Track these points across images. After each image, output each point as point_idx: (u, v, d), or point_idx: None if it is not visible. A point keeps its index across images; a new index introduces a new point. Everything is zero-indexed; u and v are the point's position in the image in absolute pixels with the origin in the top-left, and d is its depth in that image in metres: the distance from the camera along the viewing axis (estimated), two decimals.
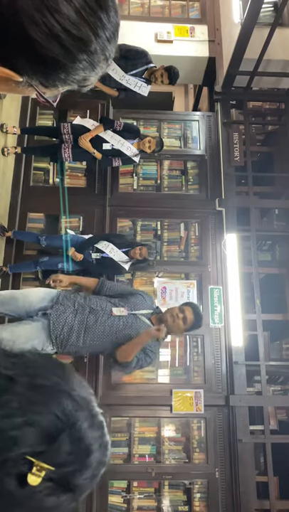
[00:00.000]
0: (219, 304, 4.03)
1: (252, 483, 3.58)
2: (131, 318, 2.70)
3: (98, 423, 0.57)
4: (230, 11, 4.49)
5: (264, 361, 3.87)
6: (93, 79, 0.59)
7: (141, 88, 3.88)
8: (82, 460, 0.53)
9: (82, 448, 0.53)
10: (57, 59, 0.53)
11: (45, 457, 0.49)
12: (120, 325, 2.67)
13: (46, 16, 0.49)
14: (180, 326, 2.70)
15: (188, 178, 4.60)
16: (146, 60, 3.87)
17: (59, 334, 2.63)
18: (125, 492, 3.61)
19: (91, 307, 2.70)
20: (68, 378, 0.56)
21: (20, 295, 2.81)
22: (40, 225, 4.35)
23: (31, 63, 0.54)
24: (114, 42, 0.56)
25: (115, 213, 4.34)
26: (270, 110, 5.10)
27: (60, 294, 2.78)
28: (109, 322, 2.66)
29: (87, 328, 2.64)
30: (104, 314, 2.68)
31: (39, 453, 0.49)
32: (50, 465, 0.49)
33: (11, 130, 4.06)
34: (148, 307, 2.81)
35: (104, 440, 0.57)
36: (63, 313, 2.66)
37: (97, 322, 2.65)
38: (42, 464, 0.48)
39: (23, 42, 0.51)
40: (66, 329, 2.63)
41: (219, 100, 4.63)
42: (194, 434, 3.77)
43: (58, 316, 2.66)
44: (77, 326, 2.64)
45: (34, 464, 0.48)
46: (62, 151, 3.88)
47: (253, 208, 4.34)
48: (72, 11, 0.50)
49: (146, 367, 2.87)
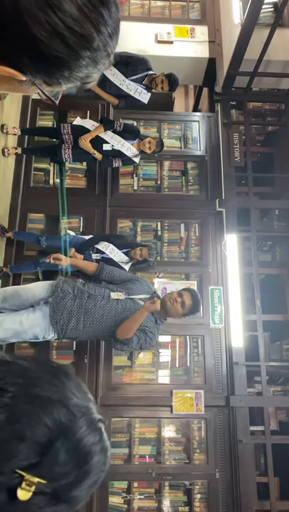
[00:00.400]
0: (219, 305, 4.03)
1: (252, 483, 3.58)
2: (129, 302, 2.81)
3: (96, 429, 0.55)
4: (230, 11, 4.49)
5: (264, 362, 3.86)
6: (96, 75, 0.60)
7: (141, 95, 3.89)
8: (80, 468, 0.52)
9: (80, 455, 0.52)
10: (60, 57, 0.53)
11: (39, 469, 0.48)
12: (119, 308, 2.76)
13: (49, 14, 0.50)
14: (178, 310, 2.78)
15: (189, 178, 4.60)
16: (147, 67, 3.89)
17: (59, 319, 2.73)
18: (125, 493, 3.61)
19: (89, 292, 2.81)
20: (64, 385, 0.54)
21: (22, 290, 2.93)
22: (40, 225, 4.35)
23: (35, 62, 0.54)
24: (115, 38, 0.57)
25: (115, 214, 4.34)
26: (270, 111, 5.11)
27: (60, 279, 2.94)
28: (108, 306, 2.76)
29: (86, 312, 2.74)
30: (103, 299, 2.79)
31: (33, 465, 0.48)
32: (45, 477, 0.48)
33: (12, 131, 4.06)
34: (145, 292, 2.90)
35: (104, 445, 0.56)
36: (63, 300, 2.77)
37: (96, 306, 2.76)
38: (32, 479, 0.47)
39: (26, 41, 0.51)
40: (66, 314, 2.74)
41: (219, 101, 4.63)
42: (195, 434, 3.77)
43: (58, 302, 2.77)
44: (76, 310, 2.75)
45: (24, 479, 0.47)
46: (63, 151, 3.88)
47: (253, 208, 4.34)
48: (75, 8, 0.51)
49: (145, 348, 2.96)
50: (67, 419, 0.51)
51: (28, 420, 0.49)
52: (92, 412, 0.56)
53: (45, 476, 0.48)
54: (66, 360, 3.82)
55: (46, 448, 0.49)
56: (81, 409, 0.54)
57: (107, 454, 0.57)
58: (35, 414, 0.50)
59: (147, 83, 3.90)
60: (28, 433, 0.48)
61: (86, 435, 0.53)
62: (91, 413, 0.55)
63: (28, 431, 0.48)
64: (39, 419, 0.50)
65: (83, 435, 0.53)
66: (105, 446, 0.56)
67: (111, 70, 3.77)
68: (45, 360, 0.58)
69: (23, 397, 0.50)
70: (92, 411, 0.56)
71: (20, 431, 0.48)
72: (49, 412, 0.51)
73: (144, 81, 3.90)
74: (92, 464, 0.53)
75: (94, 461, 0.54)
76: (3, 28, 0.50)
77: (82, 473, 0.52)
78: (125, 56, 3.82)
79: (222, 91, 4.59)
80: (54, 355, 3.87)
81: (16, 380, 0.51)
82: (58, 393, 0.53)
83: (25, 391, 0.51)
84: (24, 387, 0.51)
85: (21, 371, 0.53)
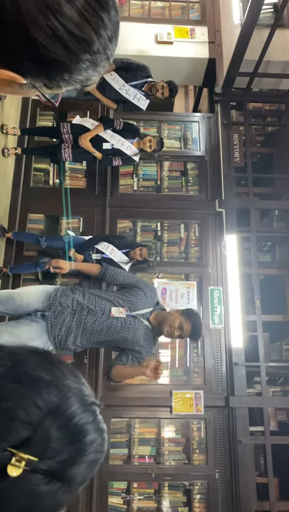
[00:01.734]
0: (219, 305, 4.03)
1: (252, 484, 3.58)
2: (129, 319, 2.65)
3: (90, 410, 0.55)
4: (230, 12, 4.49)
5: (264, 362, 3.87)
6: (95, 78, 0.60)
7: (140, 101, 3.91)
8: (73, 445, 0.52)
9: (71, 432, 0.52)
10: (61, 60, 0.54)
11: (30, 446, 0.48)
12: (118, 326, 2.63)
13: (50, 18, 0.50)
14: (174, 338, 2.76)
15: (189, 179, 4.60)
16: (147, 74, 3.92)
17: (57, 335, 2.61)
18: (125, 493, 3.61)
19: (89, 308, 2.64)
20: (54, 367, 0.54)
21: (17, 295, 2.76)
22: (40, 226, 4.36)
23: (35, 65, 0.54)
24: (115, 41, 0.57)
25: (115, 214, 4.34)
26: (270, 111, 5.11)
27: (57, 290, 2.73)
28: (107, 323, 2.62)
29: (85, 329, 2.62)
30: (103, 315, 2.64)
31: (24, 442, 0.48)
32: (37, 455, 0.48)
33: (11, 131, 4.06)
34: (148, 305, 2.72)
35: (99, 426, 0.56)
36: (61, 314, 2.62)
37: (96, 323, 2.62)
38: (21, 454, 0.47)
39: (27, 45, 0.52)
40: (64, 330, 2.61)
41: (219, 101, 4.64)
42: (194, 435, 3.77)
43: (56, 316, 2.62)
44: (75, 326, 2.61)
45: (14, 455, 0.47)
46: (62, 150, 3.89)
47: (253, 208, 4.34)
48: (75, 12, 0.51)
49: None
50: (57, 398, 0.52)
51: (17, 398, 0.49)
52: (85, 393, 0.56)
53: (36, 453, 0.48)
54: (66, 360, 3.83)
55: (36, 426, 0.49)
56: (72, 389, 0.54)
57: (104, 436, 0.57)
58: (24, 393, 0.50)
59: (147, 90, 3.92)
60: (17, 411, 0.49)
61: (78, 413, 0.53)
62: (84, 395, 0.55)
63: (17, 409, 0.49)
64: (28, 398, 0.50)
65: (75, 413, 0.53)
66: (100, 427, 0.56)
67: (111, 75, 3.78)
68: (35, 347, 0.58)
69: (11, 376, 0.51)
70: (85, 393, 0.56)
71: (9, 409, 0.48)
72: (38, 391, 0.51)
73: (143, 87, 3.92)
74: (86, 442, 0.53)
75: (88, 440, 0.53)
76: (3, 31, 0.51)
77: (76, 451, 0.52)
78: (126, 62, 3.85)
79: (222, 91, 4.59)
80: None
81: (4, 361, 0.52)
82: (47, 374, 0.53)
83: (14, 371, 0.51)
84: (12, 367, 0.52)
85: (10, 353, 0.54)
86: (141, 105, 3.94)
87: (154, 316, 2.70)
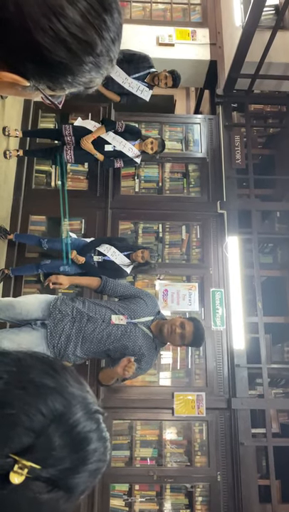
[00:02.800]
0: (221, 307, 4.02)
1: (254, 486, 3.57)
2: (130, 326, 2.59)
3: (93, 418, 0.55)
4: (231, 14, 4.50)
5: (266, 364, 3.86)
6: (98, 80, 0.60)
7: (143, 92, 3.91)
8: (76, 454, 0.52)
9: (75, 441, 0.51)
10: (64, 63, 0.54)
11: (33, 454, 0.48)
12: (118, 334, 2.56)
13: (53, 21, 0.50)
14: (175, 341, 2.57)
15: (190, 180, 4.60)
16: (149, 65, 3.91)
17: (56, 343, 2.56)
18: (127, 495, 3.60)
19: (89, 315, 2.60)
20: (59, 374, 0.54)
21: (17, 303, 2.74)
22: (42, 227, 4.36)
23: (38, 68, 0.54)
24: (118, 43, 0.57)
25: (117, 216, 4.34)
26: (272, 113, 5.12)
27: (57, 299, 2.71)
28: (107, 331, 2.56)
29: (85, 338, 2.57)
30: (103, 322, 2.58)
31: (27, 450, 0.48)
32: (40, 462, 0.48)
33: (13, 133, 4.07)
34: (149, 313, 2.67)
35: (102, 435, 0.55)
36: (61, 322, 2.58)
37: (95, 331, 2.56)
38: (24, 462, 0.47)
39: (30, 47, 0.52)
40: (64, 338, 2.56)
41: (221, 103, 4.64)
42: (196, 437, 3.76)
43: (56, 324, 2.57)
44: (74, 335, 2.56)
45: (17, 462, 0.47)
46: (65, 152, 3.89)
47: (255, 210, 4.34)
48: (78, 14, 0.51)
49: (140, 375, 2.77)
50: (61, 406, 0.51)
51: (22, 405, 0.49)
52: (89, 401, 0.55)
53: (39, 460, 0.48)
54: (67, 362, 3.82)
55: (40, 433, 0.49)
56: (76, 397, 0.54)
57: (107, 445, 0.56)
58: (28, 400, 0.50)
59: (149, 81, 3.91)
60: (21, 418, 0.48)
61: (82, 421, 0.52)
62: (87, 402, 0.55)
63: (21, 416, 0.48)
64: (33, 405, 0.49)
65: (79, 421, 0.52)
66: (103, 435, 0.56)
67: (114, 68, 3.78)
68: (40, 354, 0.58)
69: (16, 382, 0.50)
70: (89, 401, 0.55)
71: (14, 416, 0.48)
72: (43, 398, 0.50)
73: (146, 79, 3.91)
74: (89, 450, 0.53)
75: (91, 448, 0.53)
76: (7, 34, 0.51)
77: (79, 460, 0.52)
78: (128, 54, 3.84)
79: (223, 93, 4.60)
80: None
81: (10, 368, 0.52)
82: (52, 381, 0.53)
83: (19, 377, 0.51)
84: (18, 374, 0.51)
85: (15, 360, 0.53)
86: (144, 97, 3.94)
87: (154, 325, 2.65)
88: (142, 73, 3.88)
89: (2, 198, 4.00)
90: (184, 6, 5.01)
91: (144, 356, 2.58)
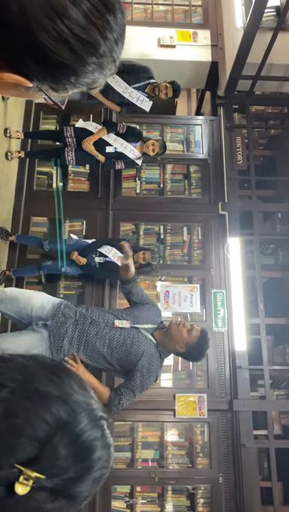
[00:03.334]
0: (222, 308, 4.02)
1: (256, 488, 3.56)
2: (133, 331, 2.57)
3: (98, 425, 0.54)
4: (232, 15, 4.50)
5: (267, 365, 3.85)
6: (101, 81, 0.60)
7: (143, 103, 3.93)
8: (81, 463, 0.51)
9: (80, 450, 0.51)
10: (67, 63, 0.54)
11: (38, 464, 0.48)
12: (121, 339, 2.53)
13: (56, 21, 0.50)
14: (183, 334, 2.49)
15: (191, 182, 4.60)
16: (149, 75, 3.93)
17: (60, 346, 2.53)
18: (128, 497, 3.60)
19: (92, 318, 2.59)
20: (63, 382, 0.54)
21: (22, 296, 2.71)
22: (43, 229, 4.36)
23: (41, 69, 0.54)
24: (121, 43, 0.57)
25: (118, 217, 4.35)
26: (273, 114, 5.12)
27: (62, 303, 2.69)
28: (110, 335, 2.54)
29: (88, 341, 2.54)
30: (106, 327, 2.56)
31: (32, 460, 0.47)
32: (44, 472, 0.48)
33: (15, 135, 4.07)
34: (152, 321, 2.64)
35: (106, 442, 0.55)
36: (64, 324, 2.55)
37: (98, 334, 2.54)
38: (29, 473, 0.47)
39: (33, 48, 0.52)
40: (66, 341, 2.53)
41: (222, 104, 4.64)
42: (198, 438, 3.75)
43: (58, 327, 2.55)
44: (77, 337, 2.54)
45: (22, 473, 0.47)
46: (66, 154, 3.90)
47: (256, 211, 4.34)
48: (81, 15, 0.51)
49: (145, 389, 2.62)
50: (66, 414, 0.51)
51: (27, 415, 0.49)
52: (94, 408, 0.55)
53: (44, 470, 0.48)
54: None
55: (45, 443, 0.49)
56: (81, 405, 0.53)
57: (110, 451, 0.56)
58: (33, 409, 0.49)
59: (149, 91, 3.93)
60: (26, 427, 0.48)
61: (87, 430, 0.52)
62: (92, 409, 0.55)
63: (27, 425, 0.48)
64: (38, 414, 0.49)
65: (83, 430, 0.52)
66: (108, 442, 0.55)
67: (114, 78, 3.80)
68: (44, 358, 0.58)
69: (21, 391, 0.50)
70: (94, 407, 0.55)
71: (19, 425, 0.48)
72: (48, 407, 0.50)
73: (146, 89, 3.94)
74: (94, 459, 0.53)
75: (95, 457, 0.53)
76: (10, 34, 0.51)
77: (83, 469, 0.52)
78: (128, 64, 3.86)
79: (225, 94, 4.60)
80: None
81: (15, 375, 0.51)
82: (57, 389, 0.52)
83: (24, 386, 0.51)
84: (23, 382, 0.51)
85: (20, 367, 0.53)
86: (144, 107, 3.95)
87: (158, 332, 2.60)
88: (142, 83, 3.91)
89: (3, 199, 4.01)
90: (185, 8, 5.02)
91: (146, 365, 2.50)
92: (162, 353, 2.57)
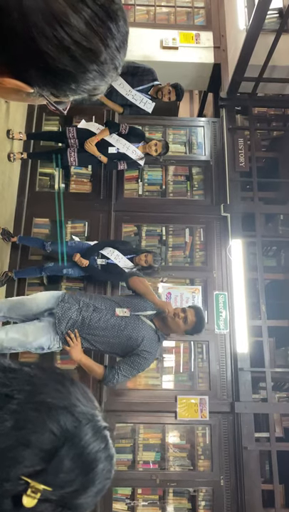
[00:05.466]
0: (224, 310, 4.01)
1: (257, 491, 3.55)
2: (133, 318, 2.76)
3: (102, 437, 0.55)
4: (235, 17, 4.50)
5: (269, 368, 3.84)
6: (103, 88, 0.60)
7: (146, 104, 3.94)
8: (86, 476, 0.52)
9: (85, 462, 0.52)
10: (67, 70, 0.54)
11: (45, 476, 0.48)
12: (122, 325, 2.73)
13: (57, 29, 0.50)
14: (180, 325, 2.70)
15: (194, 183, 4.60)
16: (153, 78, 3.94)
17: (64, 328, 2.73)
18: (129, 499, 3.59)
19: (95, 306, 2.78)
20: (69, 392, 0.54)
21: (27, 300, 2.95)
22: (45, 230, 4.37)
23: (42, 75, 0.54)
24: (123, 51, 0.57)
25: (120, 219, 4.35)
26: (275, 116, 5.11)
27: (65, 293, 2.91)
28: (112, 321, 2.73)
29: (90, 326, 2.73)
30: (108, 313, 2.76)
31: (38, 472, 0.48)
32: (51, 484, 0.48)
33: (17, 136, 4.08)
34: (151, 308, 2.83)
35: (109, 453, 0.56)
36: (68, 310, 2.76)
37: (100, 320, 2.74)
38: (37, 485, 0.47)
39: (34, 55, 0.52)
40: (70, 324, 2.73)
41: (224, 106, 4.64)
42: (199, 441, 3.75)
43: (64, 312, 2.75)
44: (80, 322, 2.73)
45: (29, 485, 0.47)
46: (68, 155, 3.90)
47: (258, 213, 4.33)
48: (82, 22, 0.51)
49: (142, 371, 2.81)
50: (72, 426, 0.51)
51: (34, 427, 0.49)
52: (98, 419, 0.55)
53: (50, 483, 0.48)
54: (71, 365, 3.82)
55: (51, 455, 0.49)
56: (87, 416, 0.54)
57: (113, 462, 0.56)
58: (41, 421, 0.50)
59: (153, 93, 3.95)
60: (33, 439, 0.48)
61: (91, 442, 0.53)
62: (97, 420, 0.55)
63: (34, 437, 0.48)
64: (45, 426, 0.50)
65: (88, 442, 0.52)
66: (111, 453, 0.56)
67: (117, 80, 3.80)
68: (50, 367, 0.58)
69: (29, 403, 0.50)
70: (98, 418, 0.55)
71: (26, 437, 0.48)
72: (55, 419, 0.50)
73: (149, 91, 3.94)
74: (98, 471, 0.53)
75: (99, 469, 0.53)
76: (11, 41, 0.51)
77: (87, 481, 0.52)
78: (132, 66, 3.86)
79: (227, 96, 4.60)
80: (58, 360, 3.87)
81: (23, 387, 0.52)
82: (63, 400, 0.53)
83: (32, 398, 0.51)
84: (31, 393, 0.51)
85: (28, 378, 0.53)
86: (147, 109, 3.96)
87: (157, 318, 2.81)
88: (146, 86, 3.92)
89: (6, 200, 4.01)
90: (188, 10, 5.02)
91: (146, 347, 2.70)
92: (161, 337, 2.81)
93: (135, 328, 2.72)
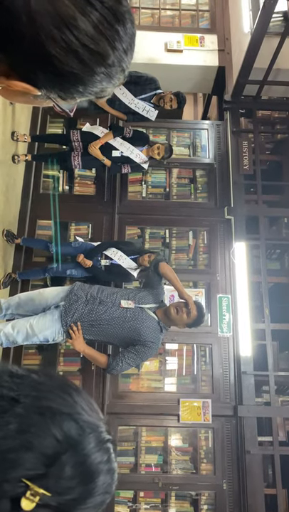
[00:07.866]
0: (228, 313, 4.00)
1: (260, 495, 3.53)
2: (137, 310, 2.88)
3: (105, 449, 0.54)
4: (240, 20, 4.51)
5: (273, 371, 3.83)
6: (110, 90, 0.60)
7: (149, 112, 3.97)
8: (85, 486, 0.51)
9: (86, 472, 0.51)
10: (75, 73, 0.54)
11: (45, 480, 0.48)
12: (127, 316, 2.84)
13: (65, 32, 0.50)
14: (183, 318, 2.84)
15: (197, 186, 4.60)
16: (155, 86, 3.97)
17: (69, 320, 2.83)
18: (131, 502, 3.58)
19: (101, 299, 2.90)
20: (75, 401, 0.54)
21: (36, 295, 3.04)
22: (49, 232, 4.37)
23: (49, 78, 0.55)
24: (130, 53, 0.57)
25: (124, 221, 4.35)
26: (279, 119, 5.11)
27: (75, 284, 3.02)
28: (117, 313, 2.85)
29: (96, 318, 2.84)
30: (113, 306, 2.87)
31: (39, 476, 0.48)
32: (50, 489, 0.48)
33: (22, 138, 4.09)
34: (154, 301, 2.97)
35: (111, 466, 0.55)
36: (75, 303, 2.87)
37: (106, 313, 2.85)
38: (36, 489, 0.47)
39: (42, 58, 0.52)
40: (76, 316, 2.84)
41: (228, 109, 4.64)
42: (202, 444, 3.73)
43: (70, 304, 2.87)
44: (86, 314, 2.84)
45: (29, 488, 0.47)
46: (72, 158, 3.91)
47: (262, 216, 4.32)
48: (90, 25, 0.51)
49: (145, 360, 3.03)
50: (76, 434, 0.51)
51: (37, 430, 0.49)
52: (102, 430, 0.55)
53: (50, 488, 0.48)
54: (73, 367, 3.82)
55: (53, 460, 0.49)
56: (91, 425, 0.54)
57: (114, 476, 0.56)
58: (45, 425, 0.50)
59: (155, 101, 3.98)
60: (36, 443, 0.48)
61: (94, 452, 0.52)
62: (100, 431, 0.55)
63: (37, 441, 0.48)
64: (48, 431, 0.50)
65: (91, 452, 0.52)
66: (113, 467, 0.55)
67: (121, 89, 3.85)
68: (57, 376, 0.59)
69: (34, 408, 0.50)
70: (102, 430, 0.55)
71: (29, 440, 0.48)
72: (59, 425, 0.51)
73: (152, 99, 3.96)
74: (98, 483, 0.53)
75: (99, 481, 0.53)
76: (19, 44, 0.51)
77: (87, 491, 0.52)
78: (135, 75, 3.89)
79: (231, 99, 4.60)
80: (61, 362, 3.87)
81: (29, 392, 0.52)
82: (68, 407, 0.53)
83: (37, 403, 0.51)
84: (36, 399, 0.51)
85: (34, 384, 0.54)
86: (150, 117, 4.01)
87: (160, 310, 2.93)
88: (148, 94, 3.95)
89: (10, 202, 4.02)
90: (193, 13, 5.03)
91: (149, 337, 2.82)
92: (163, 328, 2.93)
93: (138, 319, 2.85)
